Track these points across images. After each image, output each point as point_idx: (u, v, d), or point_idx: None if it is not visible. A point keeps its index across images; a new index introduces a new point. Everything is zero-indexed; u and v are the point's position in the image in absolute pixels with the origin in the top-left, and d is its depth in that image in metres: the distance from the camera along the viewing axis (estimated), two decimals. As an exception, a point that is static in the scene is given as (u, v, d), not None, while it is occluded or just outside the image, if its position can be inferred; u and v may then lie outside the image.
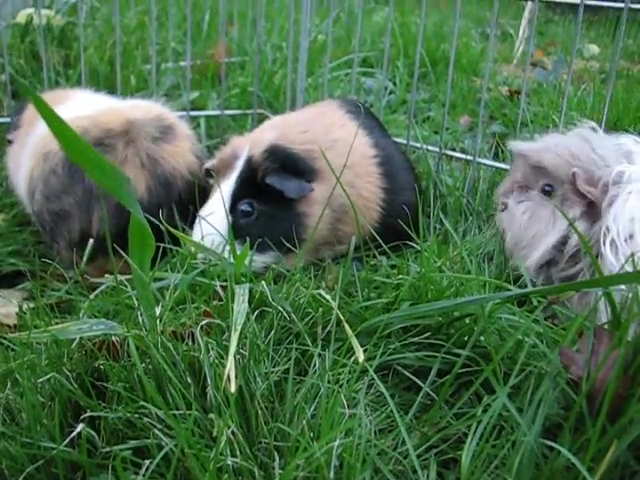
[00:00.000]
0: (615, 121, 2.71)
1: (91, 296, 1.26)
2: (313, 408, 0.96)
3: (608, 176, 1.36)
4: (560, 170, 1.43)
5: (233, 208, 1.49)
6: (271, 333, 1.12)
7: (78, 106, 1.69)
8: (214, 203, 1.51)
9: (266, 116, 2.25)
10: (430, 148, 2.08)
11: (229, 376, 0.88)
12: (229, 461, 0.85)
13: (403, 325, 1.17)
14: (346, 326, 1.06)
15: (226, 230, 1.42)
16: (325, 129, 1.60)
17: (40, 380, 0.99)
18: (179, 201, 1.59)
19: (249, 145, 1.55)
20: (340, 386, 1.01)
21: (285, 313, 1.15)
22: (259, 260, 1.44)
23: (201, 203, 1.56)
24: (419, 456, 0.96)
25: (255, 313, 1.15)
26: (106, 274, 1.29)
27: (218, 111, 2.42)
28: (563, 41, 5.15)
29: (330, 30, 2.39)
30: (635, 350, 0.94)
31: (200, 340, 1.01)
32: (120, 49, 2.23)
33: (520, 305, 1.25)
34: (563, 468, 0.86)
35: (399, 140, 2.10)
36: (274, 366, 1.06)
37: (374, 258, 1.43)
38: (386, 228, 1.56)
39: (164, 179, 1.57)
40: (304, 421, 0.93)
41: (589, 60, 4.54)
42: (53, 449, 0.90)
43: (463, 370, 1.07)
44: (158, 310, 1.08)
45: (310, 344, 1.11)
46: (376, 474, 0.92)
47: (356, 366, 1.01)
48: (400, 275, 1.29)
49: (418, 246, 1.40)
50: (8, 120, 2.09)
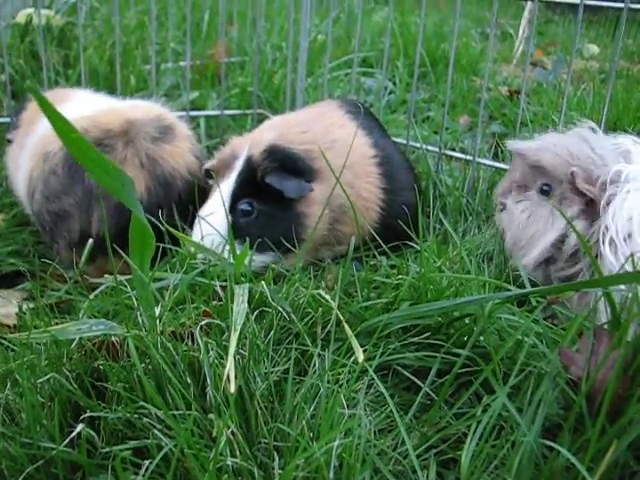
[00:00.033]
0: (615, 121, 2.71)
1: (91, 296, 1.26)
2: (313, 408, 0.96)
3: (606, 175, 1.36)
4: (558, 169, 1.43)
5: (233, 208, 1.49)
6: (271, 333, 1.12)
7: (78, 106, 1.69)
8: (214, 203, 1.51)
9: (266, 116, 2.25)
10: (430, 148, 2.08)
11: (229, 376, 0.88)
12: (229, 461, 0.85)
13: (403, 325, 1.17)
14: (346, 326, 1.06)
15: (226, 230, 1.42)
16: (325, 129, 1.60)
17: (40, 380, 0.99)
18: (179, 201, 1.59)
19: (249, 145, 1.55)
20: (340, 386, 1.01)
21: (285, 313, 1.15)
22: (259, 260, 1.44)
23: (201, 203, 1.56)
24: (419, 456, 0.96)
25: (255, 313, 1.15)
26: (106, 274, 1.29)
27: (218, 111, 2.42)
28: (563, 41, 5.15)
29: (330, 30, 2.39)
30: (635, 350, 0.94)
31: (200, 340, 1.01)
32: (120, 49, 2.23)
33: (520, 305, 1.25)
34: (563, 468, 0.86)
35: (399, 140, 2.10)
36: (274, 366, 1.06)
37: (374, 258, 1.43)
38: (386, 228, 1.56)
39: (163, 179, 1.57)
40: (304, 421, 0.93)
41: (589, 60, 4.54)
42: (53, 449, 0.90)
43: (463, 370, 1.07)
44: (158, 310, 1.08)
45: (310, 344, 1.11)
46: (376, 474, 0.92)
47: (356, 366, 1.01)
48: (400, 275, 1.29)
49: (418, 246, 1.40)
50: (8, 120, 2.09)
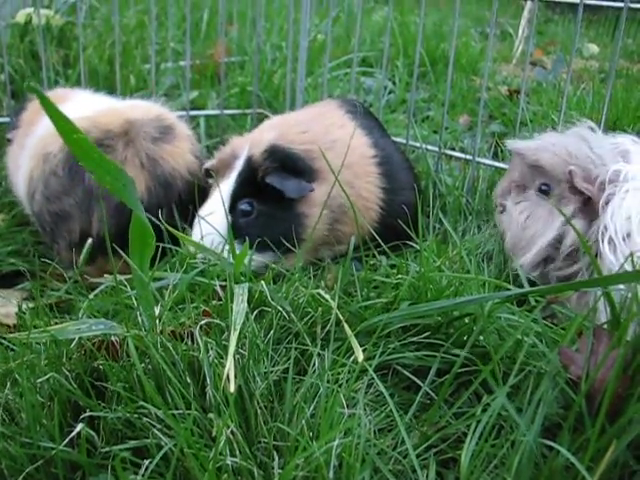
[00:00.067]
0: (614, 120, 2.71)
1: (90, 296, 1.26)
2: (312, 408, 0.96)
3: (605, 175, 1.36)
4: (557, 169, 1.43)
5: (233, 208, 1.49)
6: (270, 333, 1.12)
7: (77, 106, 1.69)
8: (214, 203, 1.51)
9: (265, 116, 2.25)
10: (429, 147, 2.08)
11: (228, 376, 0.88)
12: (228, 461, 0.85)
13: (402, 325, 1.17)
14: (345, 326, 1.06)
15: (226, 230, 1.42)
16: (325, 129, 1.60)
17: (39, 380, 0.99)
18: (179, 201, 1.59)
19: (249, 145, 1.55)
20: (339, 386, 1.01)
21: (284, 313, 1.15)
22: (258, 260, 1.44)
23: (200, 203, 1.57)
24: (418, 456, 0.96)
25: (254, 313, 1.15)
26: (106, 274, 1.29)
27: (217, 111, 2.42)
28: (562, 40, 5.15)
29: (329, 30, 2.39)
30: (634, 350, 0.94)
31: (199, 340, 1.01)
32: (119, 49, 2.22)
33: (519, 305, 1.25)
34: (562, 468, 0.86)
35: (398, 140, 2.10)
36: (273, 366, 1.06)
37: (373, 258, 1.43)
38: (385, 228, 1.56)
39: (164, 179, 1.57)
40: (303, 421, 0.93)
41: (588, 59, 4.54)
42: (52, 449, 0.90)
43: (462, 370, 1.07)
44: (157, 310, 1.08)
45: (309, 344, 1.11)
46: (375, 474, 0.92)
47: (355, 366, 1.01)
48: (399, 275, 1.29)
49: (417, 246, 1.40)
50: (8, 120, 2.09)
